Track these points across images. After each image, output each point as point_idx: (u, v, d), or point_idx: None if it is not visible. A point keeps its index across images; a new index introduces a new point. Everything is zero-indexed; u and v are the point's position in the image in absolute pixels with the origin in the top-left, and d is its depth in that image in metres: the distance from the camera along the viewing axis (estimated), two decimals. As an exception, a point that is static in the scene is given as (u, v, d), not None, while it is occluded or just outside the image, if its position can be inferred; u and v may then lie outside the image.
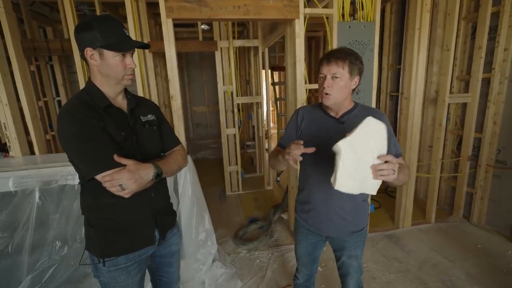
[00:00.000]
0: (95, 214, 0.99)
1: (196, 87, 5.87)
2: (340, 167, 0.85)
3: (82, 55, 0.90)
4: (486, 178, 2.58)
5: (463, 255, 2.22)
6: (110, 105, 0.95)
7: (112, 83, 0.94)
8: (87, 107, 0.90)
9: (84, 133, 0.85)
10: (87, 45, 0.87)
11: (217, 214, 3.06)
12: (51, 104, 3.86)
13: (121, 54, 0.90)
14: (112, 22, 0.90)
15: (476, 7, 2.53)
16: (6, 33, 1.79)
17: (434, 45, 2.84)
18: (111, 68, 0.90)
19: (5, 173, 1.58)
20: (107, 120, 0.91)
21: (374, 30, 2.13)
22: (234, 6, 1.90)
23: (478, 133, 2.59)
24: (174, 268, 1.24)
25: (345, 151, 0.84)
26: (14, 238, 1.58)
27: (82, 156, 0.87)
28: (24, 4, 3.06)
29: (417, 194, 3.24)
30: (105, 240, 0.99)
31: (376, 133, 0.86)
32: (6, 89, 1.82)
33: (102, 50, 0.88)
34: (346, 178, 0.86)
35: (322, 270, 2.09)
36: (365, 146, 0.85)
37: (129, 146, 0.95)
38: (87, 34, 0.87)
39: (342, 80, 1.04)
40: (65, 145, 0.88)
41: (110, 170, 0.83)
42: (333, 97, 1.07)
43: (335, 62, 1.04)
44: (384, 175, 0.85)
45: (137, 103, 1.04)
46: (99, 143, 0.86)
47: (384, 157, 0.85)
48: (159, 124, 1.10)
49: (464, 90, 2.73)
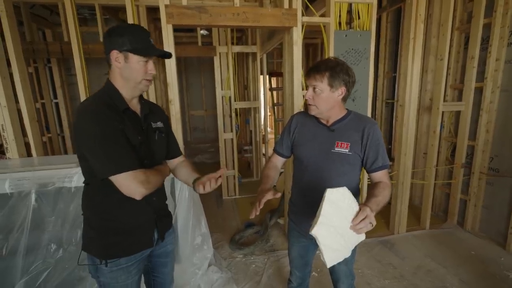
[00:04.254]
0: (98, 215, 1.01)
1: (194, 91, 5.90)
2: (323, 250, 0.86)
3: (107, 57, 0.95)
4: (480, 185, 2.62)
5: (457, 262, 2.24)
6: (128, 108, 0.98)
7: (130, 86, 0.97)
8: (108, 108, 0.92)
9: (106, 133, 0.88)
10: (114, 47, 0.91)
11: (214, 219, 3.06)
12: (48, 106, 3.85)
13: (144, 59, 0.94)
14: (141, 31, 0.96)
15: (468, 19, 2.60)
16: (7, 36, 1.81)
17: (429, 54, 2.90)
18: (133, 72, 0.94)
19: (2, 175, 1.58)
20: (126, 123, 0.95)
21: (370, 39, 2.18)
22: (233, 13, 1.94)
23: (471, 140, 2.64)
24: (169, 268, 1.26)
25: (320, 235, 0.85)
26: (8, 241, 1.56)
27: (100, 155, 0.88)
28: (25, 7, 3.08)
29: (412, 201, 3.27)
30: (107, 241, 1.00)
31: (342, 200, 0.87)
32: (5, 92, 1.83)
33: (128, 54, 0.92)
34: (331, 255, 0.88)
35: (318, 276, 2.10)
36: (337, 217, 0.86)
37: (143, 149, 0.99)
38: (117, 38, 0.91)
39: (323, 92, 1.08)
40: (83, 142, 0.90)
41: (127, 171, 0.87)
42: (315, 108, 1.11)
43: (314, 76, 1.08)
44: (364, 229, 0.87)
45: (150, 109, 1.08)
46: (119, 145, 0.89)
47: (359, 219, 0.86)
48: (167, 132, 1.14)
49: (457, 98, 2.79)
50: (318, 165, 1.17)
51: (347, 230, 0.87)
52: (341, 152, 1.12)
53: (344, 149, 1.12)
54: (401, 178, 2.57)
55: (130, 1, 2.07)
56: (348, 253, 0.91)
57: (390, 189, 1.08)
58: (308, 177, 1.20)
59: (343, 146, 1.12)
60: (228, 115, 3.62)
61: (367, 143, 1.10)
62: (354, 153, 1.11)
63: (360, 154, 1.12)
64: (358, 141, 1.11)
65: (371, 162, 1.11)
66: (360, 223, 0.86)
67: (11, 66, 1.86)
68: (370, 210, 0.87)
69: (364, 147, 1.11)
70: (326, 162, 1.15)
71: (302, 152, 1.22)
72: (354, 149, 1.11)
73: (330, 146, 1.14)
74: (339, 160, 1.13)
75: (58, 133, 4.02)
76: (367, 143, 1.10)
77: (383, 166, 1.11)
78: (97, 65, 4.02)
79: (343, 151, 1.12)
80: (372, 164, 1.11)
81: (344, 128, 1.14)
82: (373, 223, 0.87)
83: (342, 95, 1.10)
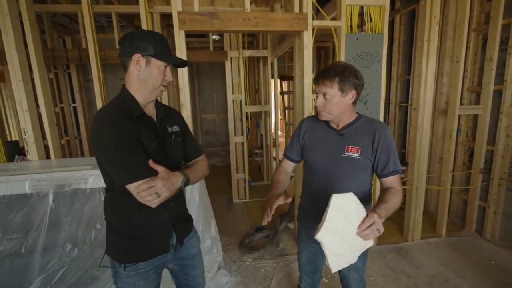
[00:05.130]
0: (119, 220, 1.03)
1: (206, 95, 5.98)
2: (328, 255, 0.86)
3: (125, 60, 0.95)
4: (499, 192, 2.51)
5: (475, 271, 2.14)
6: (144, 114, 0.99)
7: (147, 91, 0.99)
8: (123, 116, 0.94)
9: (121, 143, 0.89)
10: (137, 51, 0.93)
11: (224, 222, 3.07)
12: (67, 110, 4.01)
13: (164, 65, 0.97)
14: (162, 37, 0.99)
15: (486, 20, 2.52)
16: (29, 44, 1.90)
17: (444, 56, 2.83)
18: (152, 76, 0.96)
19: (23, 176, 1.65)
20: (141, 130, 0.96)
21: (382, 41, 2.15)
22: (244, 18, 1.97)
23: (490, 145, 2.54)
24: (198, 271, 1.25)
25: (325, 240, 0.85)
26: (27, 239, 1.63)
27: (117, 164, 0.90)
28: (47, 16, 3.23)
29: (427, 207, 3.17)
30: (126, 246, 1.02)
31: (349, 205, 0.86)
32: (27, 96, 1.92)
33: (150, 58, 0.94)
34: (336, 260, 0.87)
35: (328, 282, 2.06)
36: (343, 222, 0.85)
37: (159, 155, 0.99)
38: (140, 42, 0.93)
39: (334, 97, 1.07)
40: (100, 152, 0.92)
41: (143, 179, 0.88)
42: (327, 113, 1.10)
43: (323, 82, 1.07)
44: (371, 236, 0.85)
45: (165, 113, 1.09)
46: (135, 153, 0.90)
47: (365, 226, 0.84)
48: (183, 135, 1.15)
49: (475, 101, 2.70)
50: (328, 170, 1.16)
51: (353, 236, 0.86)
52: (351, 157, 1.10)
53: (355, 153, 1.10)
54: (415, 183, 2.50)
55: (144, 9, 2.14)
56: (354, 259, 0.89)
57: (401, 195, 1.05)
58: (317, 182, 1.19)
59: (354, 151, 1.10)
60: (239, 119, 3.65)
61: (378, 147, 1.08)
62: (365, 158, 1.10)
63: (371, 158, 1.10)
64: (369, 145, 1.10)
65: (382, 166, 1.09)
66: (366, 229, 0.84)
67: (33, 72, 1.96)
68: (378, 217, 0.85)
69: (375, 151, 1.09)
70: (336, 166, 1.14)
71: (312, 156, 1.21)
72: (365, 154, 1.09)
73: (340, 150, 1.12)
74: (349, 165, 1.11)
75: (75, 136, 4.18)
76: (378, 148, 1.08)
77: (394, 171, 1.08)
78: (113, 70, 4.16)
79: (354, 156, 1.10)
80: (383, 169, 1.09)
81: (354, 132, 1.13)
82: (380, 230, 0.85)
83: (353, 99, 1.09)
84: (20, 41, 1.87)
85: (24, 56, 1.91)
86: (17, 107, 1.92)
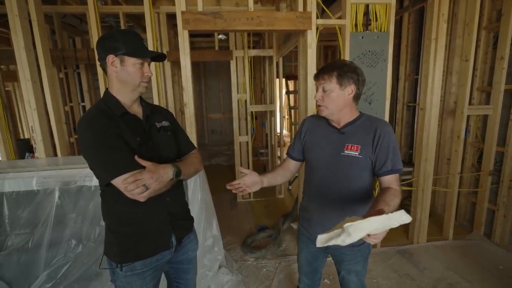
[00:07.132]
0: (114, 220, 1.03)
1: (212, 95, 6.02)
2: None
3: (103, 63, 0.97)
4: (509, 195, 2.44)
5: (482, 276, 2.09)
6: (126, 112, 1.00)
7: (128, 90, 0.99)
8: (104, 116, 0.95)
9: (99, 139, 0.90)
10: (110, 52, 0.94)
11: (227, 221, 3.08)
12: (76, 109, 4.10)
13: (140, 62, 0.97)
14: (133, 34, 0.98)
15: (498, 17, 2.44)
16: (37, 44, 1.95)
17: (454, 55, 2.76)
18: (130, 75, 0.96)
19: (30, 173, 1.70)
20: (122, 126, 0.96)
21: (387, 40, 2.11)
22: (248, 17, 1.96)
23: (500, 146, 2.47)
24: (191, 275, 1.26)
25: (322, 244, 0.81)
26: (34, 235, 1.68)
27: (99, 161, 0.91)
28: (57, 17, 3.31)
29: (434, 209, 3.10)
30: (123, 246, 1.02)
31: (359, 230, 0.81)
32: (35, 95, 1.97)
33: (124, 57, 0.94)
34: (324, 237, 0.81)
35: (330, 283, 2.05)
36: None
37: (145, 150, 0.99)
38: (111, 43, 0.94)
39: (333, 91, 1.07)
40: (83, 152, 0.93)
41: (126, 173, 0.87)
42: (325, 108, 1.10)
43: (322, 76, 1.08)
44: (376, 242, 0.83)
45: (152, 111, 1.10)
46: (114, 148, 0.90)
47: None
48: (174, 129, 1.14)
49: (485, 101, 2.62)
50: (327, 168, 1.15)
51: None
52: (351, 155, 1.09)
53: (354, 151, 1.08)
54: (422, 184, 2.45)
55: (148, 9, 2.17)
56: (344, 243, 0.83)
57: (400, 197, 1.03)
58: (317, 181, 1.19)
59: (353, 149, 1.08)
60: (244, 118, 3.65)
61: (377, 144, 1.06)
62: (365, 156, 1.07)
63: (371, 156, 1.08)
64: (369, 143, 1.07)
65: (380, 165, 1.06)
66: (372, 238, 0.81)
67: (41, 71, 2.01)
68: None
69: (375, 148, 1.07)
70: (335, 165, 1.12)
71: (312, 155, 1.20)
72: (365, 152, 1.07)
73: (340, 149, 1.11)
74: (349, 163, 1.09)
75: (84, 134, 4.26)
76: (377, 145, 1.06)
77: (393, 170, 1.05)
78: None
79: (353, 154, 1.08)
80: (381, 167, 1.06)
81: (355, 131, 1.11)
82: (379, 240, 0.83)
83: (352, 94, 1.08)
84: (28, 42, 1.92)
85: (32, 56, 1.96)
86: (25, 105, 1.98)
